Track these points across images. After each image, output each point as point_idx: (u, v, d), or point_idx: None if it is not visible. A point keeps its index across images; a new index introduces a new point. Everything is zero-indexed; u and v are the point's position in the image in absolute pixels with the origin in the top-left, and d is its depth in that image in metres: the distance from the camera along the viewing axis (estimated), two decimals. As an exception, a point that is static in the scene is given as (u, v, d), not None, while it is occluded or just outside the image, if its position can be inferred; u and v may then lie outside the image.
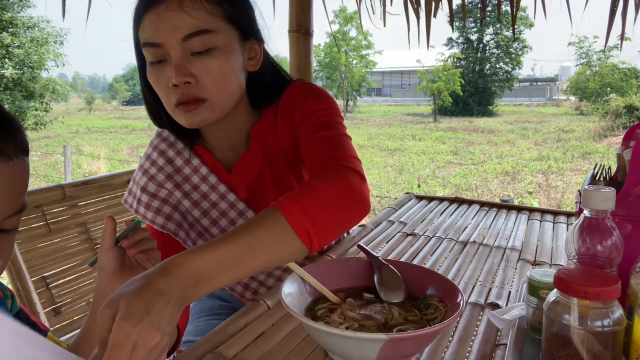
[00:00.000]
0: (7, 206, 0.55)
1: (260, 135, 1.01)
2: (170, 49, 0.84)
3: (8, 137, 0.55)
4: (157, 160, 1.02)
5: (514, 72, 27.95)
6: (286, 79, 1.03)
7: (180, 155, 1.02)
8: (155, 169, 1.01)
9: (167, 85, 0.86)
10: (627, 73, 20.26)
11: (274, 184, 1.01)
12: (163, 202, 0.98)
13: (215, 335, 0.77)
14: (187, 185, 1.01)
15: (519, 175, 8.72)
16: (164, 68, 0.86)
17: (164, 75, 0.86)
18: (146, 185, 0.99)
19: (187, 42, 0.84)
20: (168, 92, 0.87)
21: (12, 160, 0.55)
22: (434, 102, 22.21)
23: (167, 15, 0.83)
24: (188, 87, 0.85)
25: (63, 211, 1.62)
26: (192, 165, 1.01)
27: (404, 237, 1.29)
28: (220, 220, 1.01)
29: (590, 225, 0.66)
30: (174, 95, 0.86)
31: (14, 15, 13.42)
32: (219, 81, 0.87)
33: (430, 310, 0.72)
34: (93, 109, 31.24)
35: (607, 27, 1.68)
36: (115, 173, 1.85)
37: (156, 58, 0.86)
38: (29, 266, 1.48)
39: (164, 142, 1.04)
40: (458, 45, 28.52)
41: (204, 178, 1.01)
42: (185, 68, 0.84)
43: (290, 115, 0.97)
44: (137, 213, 1.00)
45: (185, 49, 0.84)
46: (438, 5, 1.87)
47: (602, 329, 0.56)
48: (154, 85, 0.90)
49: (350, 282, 0.81)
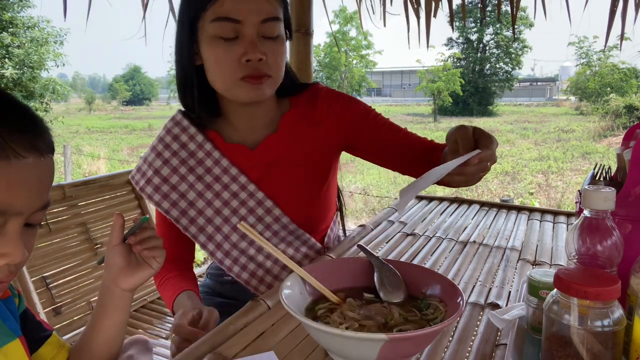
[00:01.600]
0: (36, 200, 0.58)
1: (290, 123, 1.10)
2: (249, 27, 0.94)
3: (40, 135, 0.58)
4: (171, 144, 1.07)
5: (514, 72, 27.93)
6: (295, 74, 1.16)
7: (193, 140, 1.07)
8: (169, 152, 1.06)
9: (237, 59, 0.94)
10: (627, 73, 20.24)
11: (291, 168, 1.09)
12: (172, 188, 1.05)
13: (215, 335, 0.77)
14: (200, 169, 1.06)
15: (519, 175, 8.72)
16: (234, 44, 0.94)
17: (234, 50, 0.94)
18: (160, 169, 1.05)
19: (263, 25, 0.95)
20: (236, 66, 0.95)
21: (43, 156, 0.57)
22: (434, 102, 22.21)
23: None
24: (259, 63, 0.95)
25: (63, 211, 1.62)
26: (204, 149, 1.07)
27: (404, 237, 1.29)
28: (232, 202, 1.06)
29: (590, 225, 0.66)
30: (242, 70, 0.95)
31: (14, 15, 13.41)
32: (279, 63, 1.00)
33: (430, 310, 0.72)
34: (93, 109, 31.23)
35: (607, 27, 1.68)
36: (115, 173, 1.85)
37: (228, 34, 0.94)
38: (29, 266, 1.48)
39: (177, 126, 1.08)
40: (458, 45, 28.51)
41: (217, 161, 1.06)
42: (260, 46, 0.95)
43: (336, 116, 1.10)
44: (143, 192, 1.07)
45: (259, 31, 0.95)
46: (438, 5, 1.87)
47: (602, 329, 0.56)
48: (218, 59, 0.96)
49: (350, 282, 0.81)
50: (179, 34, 1.01)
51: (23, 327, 0.70)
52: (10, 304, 0.69)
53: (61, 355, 0.74)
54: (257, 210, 1.07)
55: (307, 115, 1.10)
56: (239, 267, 1.08)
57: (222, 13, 0.93)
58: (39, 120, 0.59)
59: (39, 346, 0.72)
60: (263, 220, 1.08)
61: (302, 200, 1.11)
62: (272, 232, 1.09)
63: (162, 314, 1.71)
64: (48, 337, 0.74)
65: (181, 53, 1.01)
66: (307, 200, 1.12)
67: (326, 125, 1.10)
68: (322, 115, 1.10)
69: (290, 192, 1.10)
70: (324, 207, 1.17)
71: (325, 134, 1.10)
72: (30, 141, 0.56)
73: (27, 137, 0.55)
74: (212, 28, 0.94)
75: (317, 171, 1.12)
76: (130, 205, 1.84)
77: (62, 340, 0.76)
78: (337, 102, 1.11)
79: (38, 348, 0.72)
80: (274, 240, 1.09)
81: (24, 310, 0.72)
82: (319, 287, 0.76)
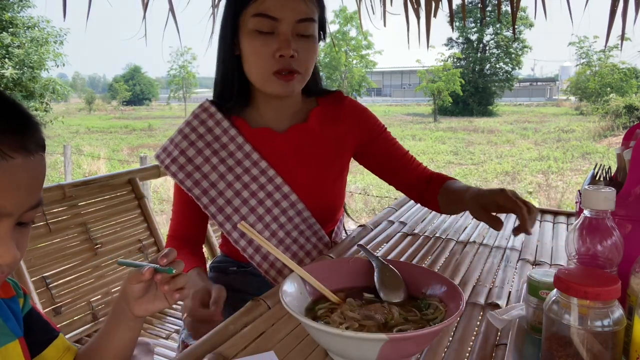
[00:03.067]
0: (27, 200, 0.57)
1: (318, 117, 1.19)
2: (285, 25, 1.03)
3: (29, 133, 0.57)
4: (198, 128, 1.14)
5: (514, 72, 27.93)
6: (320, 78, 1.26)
7: (219, 125, 1.14)
8: (196, 135, 1.14)
9: (271, 53, 1.03)
10: (627, 73, 20.24)
11: (313, 159, 1.17)
12: (196, 168, 1.12)
13: (215, 335, 0.77)
14: (223, 152, 1.13)
15: (519, 175, 8.72)
16: (270, 39, 1.03)
17: (269, 45, 1.03)
18: (186, 150, 1.12)
19: (298, 24, 1.04)
20: (270, 60, 1.04)
21: (32, 155, 0.57)
22: (434, 102, 22.21)
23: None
24: (290, 59, 1.04)
25: (63, 211, 1.62)
26: (229, 134, 1.14)
27: (404, 237, 1.29)
28: (251, 185, 1.13)
29: (590, 225, 0.66)
30: (275, 64, 1.04)
31: (14, 15, 13.41)
32: (309, 61, 1.09)
33: (430, 310, 0.72)
34: (93, 109, 31.21)
35: (607, 27, 1.67)
36: (115, 173, 1.85)
37: (266, 29, 1.03)
38: (29, 266, 1.48)
39: (204, 112, 1.16)
40: (458, 45, 28.50)
41: (240, 146, 1.14)
42: (293, 44, 1.04)
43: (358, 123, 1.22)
44: (168, 169, 1.13)
45: (294, 29, 1.04)
46: (438, 5, 1.87)
47: (602, 329, 0.56)
48: (255, 52, 1.05)
49: (350, 282, 0.81)
50: (223, 27, 1.11)
51: (27, 328, 0.70)
52: (14, 303, 0.69)
53: (66, 358, 0.74)
54: (274, 194, 1.13)
55: (332, 114, 1.21)
56: (252, 249, 1.13)
57: (262, 10, 1.03)
58: (28, 117, 0.58)
59: (44, 347, 0.72)
60: (280, 204, 1.13)
61: (318, 191, 1.18)
62: (287, 217, 1.14)
63: (162, 314, 1.70)
64: (54, 338, 0.73)
65: (224, 45, 1.11)
66: (323, 191, 1.19)
67: (347, 127, 1.21)
68: (346, 117, 1.21)
69: (309, 181, 1.16)
70: (336, 200, 1.24)
71: (345, 134, 1.20)
72: (19, 141, 0.54)
73: (15, 136, 0.54)
74: (252, 22, 1.04)
75: (334, 166, 1.20)
76: (130, 205, 1.84)
77: (68, 343, 0.76)
78: (360, 110, 1.24)
79: (43, 349, 0.72)
80: (288, 226, 1.14)
81: (29, 310, 0.72)
82: (319, 287, 0.76)
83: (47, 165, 0.62)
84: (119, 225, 1.78)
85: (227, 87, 1.14)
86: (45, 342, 0.72)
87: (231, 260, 1.25)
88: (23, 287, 0.73)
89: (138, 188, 1.87)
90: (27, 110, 0.59)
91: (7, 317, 0.66)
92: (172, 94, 29.07)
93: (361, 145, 1.23)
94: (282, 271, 1.13)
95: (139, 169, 1.97)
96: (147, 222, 1.87)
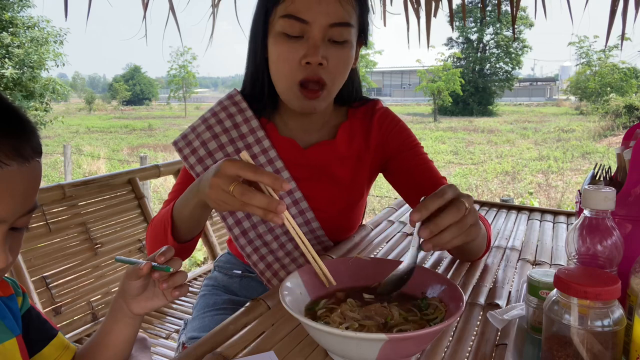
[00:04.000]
0: (22, 206, 0.57)
1: (348, 134, 1.10)
2: (316, 29, 0.92)
3: (25, 139, 0.56)
4: (224, 120, 1.06)
5: (514, 72, 27.96)
6: (360, 84, 1.15)
7: (247, 123, 1.06)
8: (221, 128, 1.05)
9: (297, 60, 0.94)
10: (627, 73, 20.25)
11: (337, 178, 1.09)
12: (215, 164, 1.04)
13: (215, 335, 0.77)
14: None
15: (519, 175, 8.72)
16: (298, 44, 0.94)
17: (296, 50, 0.93)
18: (208, 141, 1.04)
19: (331, 29, 0.93)
20: (295, 67, 0.94)
21: (28, 162, 0.56)
22: (434, 102, 22.21)
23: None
24: (318, 68, 0.94)
25: (63, 211, 1.62)
26: (256, 135, 1.06)
27: (404, 237, 1.29)
28: None
29: (590, 225, 0.66)
30: (300, 72, 0.94)
31: (14, 15, 13.41)
32: (341, 71, 0.99)
33: (430, 310, 0.72)
34: (93, 108, 31.22)
35: (607, 27, 1.67)
36: (115, 173, 1.85)
37: (294, 32, 0.93)
38: (29, 266, 1.48)
39: (234, 105, 1.07)
40: (458, 45, 28.52)
41: (265, 150, 1.05)
42: (322, 50, 0.93)
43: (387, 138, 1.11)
44: (186, 160, 1.04)
45: (325, 34, 0.94)
46: (438, 5, 1.87)
47: (602, 329, 0.56)
48: (280, 57, 0.96)
49: (350, 282, 0.81)
50: (253, 26, 1.02)
51: (26, 327, 0.70)
52: (12, 302, 0.69)
53: (65, 357, 0.74)
54: (291, 208, 1.07)
55: (362, 131, 1.12)
56: (257, 256, 1.08)
57: (291, 11, 0.93)
58: (25, 122, 0.57)
59: (43, 346, 0.72)
60: (294, 219, 1.07)
61: (336, 211, 1.12)
62: None
63: (162, 314, 1.71)
64: (53, 337, 0.73)
65: (254, 46, 1.02)
66: (341, 212, 1.14)
67: (375, 145, 1.12)
68: (374, 135, 1.11)
69: (328, 200, 1.10)
70: (352, 222, 1.20)
71: (374, 154, 1.12)
72: (14, 147, 0.54)
73: (11, 143, 0.53)
74: (280, 24, 0.94)
75: (357, 187, 1.13)
76: (130, 205, 1.84)
77: (67, 342, 0.76)
78: (391, 126, 1.12)
79: (42, 348, 0.72)
80: None
81: (28, 309, 0.72)
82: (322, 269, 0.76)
83: (47, 165, 0.62)
84: (118, 225, 1.78)
85: (257, 89, 1.06)
86: (44, 341, 0.72)
87: (237, 262, 1.23)
88: (22, 286, 0.73)
89: (138, 188, 1.87)
90: (24, 114, 0.58)
91: (4, 315, 0.66)
92: (172, 93, 29.07)
93: (387, 160, 1.13)
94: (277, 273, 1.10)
95: (139, 169, 1.97)
96: (147, 222, 1.87)
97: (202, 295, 1.20)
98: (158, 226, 0.95)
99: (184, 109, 28.08)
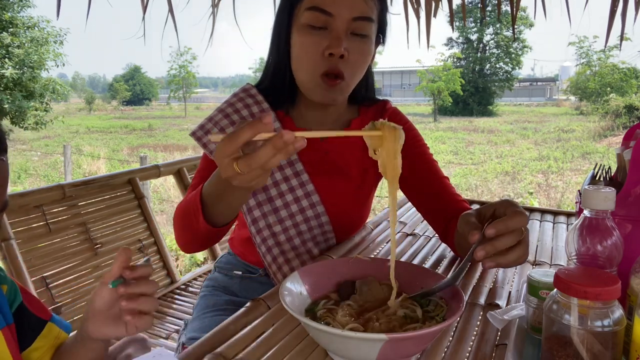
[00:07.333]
0: None
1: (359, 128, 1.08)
2: (339, 22, 0.96)
3: None
4: (241, 110, 1.08)
5: (514, 72, 27.96)
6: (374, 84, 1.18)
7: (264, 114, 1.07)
8: (238, 116, 1.07)
9: (320, 51, 0.97)
10: (627, 73, 20.25)
11: (349, 174, 1.11)
12: None
13: (215, 336, 0.77)
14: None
15: (519, 175, 8.72)
16: (321, 35, 0.97)
17: (319, 41, 0.97)
18: (226, 127, 1.05)
19: (354, 22, 0.97)
20: (317, 59, 0.97)
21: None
22: (434, 102, 22.21)
23: None
24: (339, 60, 0.97)
25: (63, 211, 1.62)
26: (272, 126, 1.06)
27: (404, 237, 1.29)
28: (282, 184, 1.07)
29: (590, 225, 0.66)
30: (323, 64, 0.97)
31: (14, 15, 13.42)
32: (360, 64, 1.02)
33: (430, 307, 0.72)
34: (93, 109, 31.22)
35: (607, 27, 1.67)
36: (115, 173, 1.85)
37: (318, 24, 0.97)
38: (29, 266, 1.48)
39: (250, 97, 1.09)
40: (458, 45, 28.52)
41: None
42: (345, 42, 0.96)
43: None
44: (205, 148, 1.05)
45: (349, 27, 0.97)
46: (438, 5, 1.87)
47: (602, 329, 0.56)
48: (303, 48, 0.98)
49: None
50: (278, 18, 1.05)
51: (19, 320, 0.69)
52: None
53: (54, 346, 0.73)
54: (302, 201, 1.08)
55: None
56: (265, 247, 1.08)
57: (317, 3, 0.96)
58: None
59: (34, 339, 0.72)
60: (305, 212, 1.09)
61: (346, 206, 1.14)
62: (308, 226, 1.09)
63: (162, 314, 1.71)
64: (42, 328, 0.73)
65: (278, 38, 1.05)
66: (350, 207, 1.15)
67: None
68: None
69: (339, 195, 1.12)
70: (359, 219, 1.21)
71: None
72: None
73: None
74: (305, 16, 0.97)
75: (367, 184, 1.15)
76: (130, 205, 1.84)
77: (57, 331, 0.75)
78: (399, 122, 1.12)
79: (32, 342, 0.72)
80: (306, 235, 1.10)
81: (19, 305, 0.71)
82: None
83: (47, 165, 0.62)
84: (119, 225, 1.78)
85: (278, 81, 1.08)
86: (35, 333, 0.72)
87: (237, 262, 1.23)
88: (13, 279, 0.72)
89: (138, 188, 1.87)
90: None
91: None
92: (172, 94, 29.08)
93: None
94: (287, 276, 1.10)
95: (139, 169, 1.97)
96: (147, 222, 1.88)
97: (202, 295, 1.20)
98: (188, 212, 0.92)
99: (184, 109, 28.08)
